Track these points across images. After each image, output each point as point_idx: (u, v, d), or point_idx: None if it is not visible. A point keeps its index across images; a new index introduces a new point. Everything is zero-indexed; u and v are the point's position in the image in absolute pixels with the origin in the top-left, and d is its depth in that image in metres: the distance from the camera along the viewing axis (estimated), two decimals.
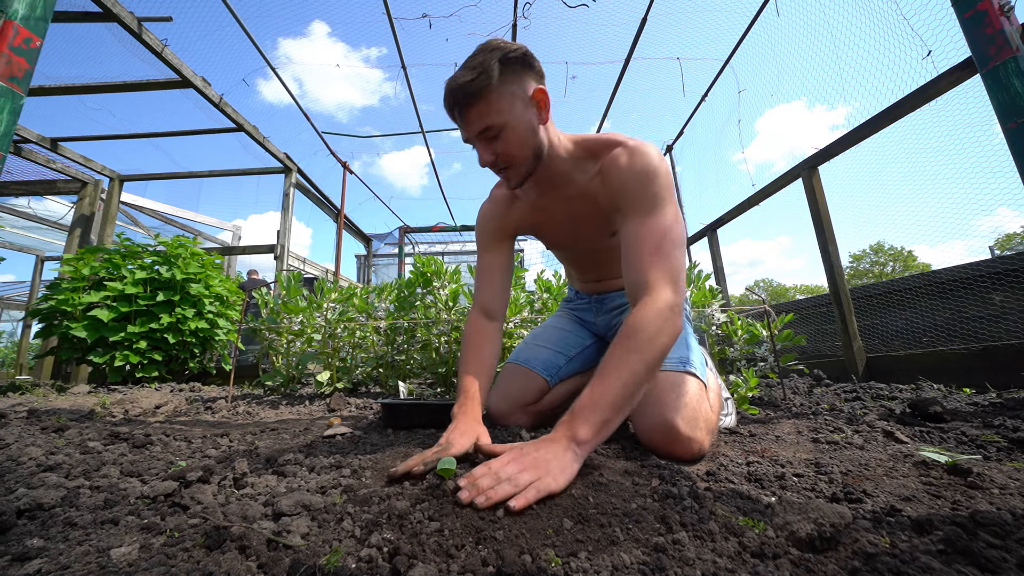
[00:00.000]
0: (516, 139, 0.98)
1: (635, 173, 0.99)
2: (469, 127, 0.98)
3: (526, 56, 0.96)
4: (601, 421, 0.76)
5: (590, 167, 1.09)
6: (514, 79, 0.95)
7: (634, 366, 0.80)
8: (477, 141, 1.00)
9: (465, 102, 0.94)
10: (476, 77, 0.92)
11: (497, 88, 0.93)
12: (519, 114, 0.97)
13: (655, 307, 0.86)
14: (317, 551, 0.48)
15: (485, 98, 0.93)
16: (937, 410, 1.31)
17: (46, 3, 1.34)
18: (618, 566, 0.46)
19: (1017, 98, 1.46)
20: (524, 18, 3.89)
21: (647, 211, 0.97)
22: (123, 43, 3.20)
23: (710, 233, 4.57)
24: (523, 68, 0.96)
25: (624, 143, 1.04)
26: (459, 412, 0.97)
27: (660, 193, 0.97)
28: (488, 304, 1.21)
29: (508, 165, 1.01)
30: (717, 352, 2.20)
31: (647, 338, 0.82)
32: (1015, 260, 2.39)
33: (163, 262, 3.53)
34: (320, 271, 7.89)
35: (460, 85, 0.93)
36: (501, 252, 1.25)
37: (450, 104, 0.97)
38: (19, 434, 1.17)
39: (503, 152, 0.99)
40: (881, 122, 2.49)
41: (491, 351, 1.15)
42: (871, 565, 0.46)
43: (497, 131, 0.96)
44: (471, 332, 1.18)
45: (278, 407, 2.01)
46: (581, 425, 0.75)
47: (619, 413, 0.78)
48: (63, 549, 0.51)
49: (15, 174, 4.74)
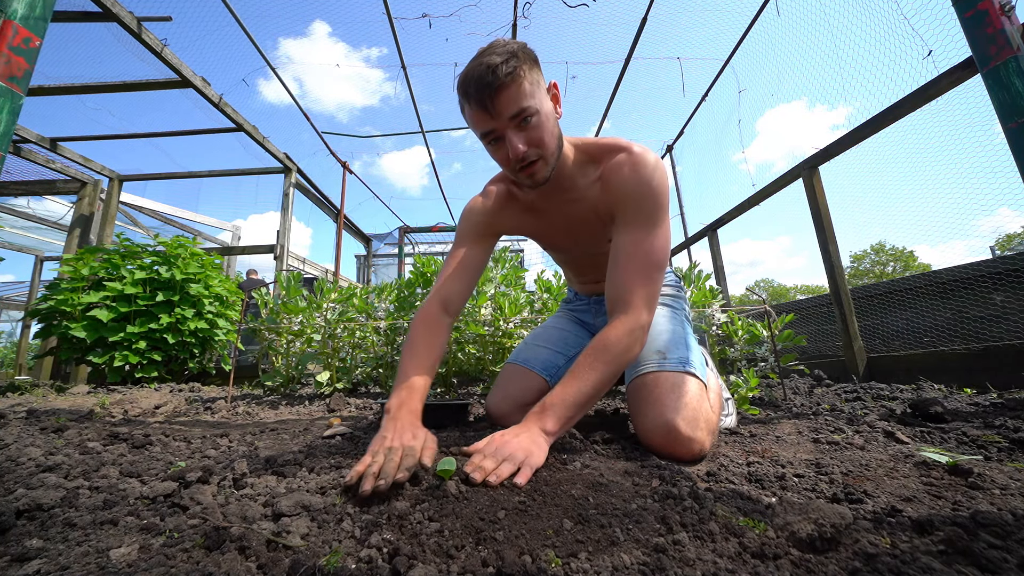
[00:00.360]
0: (548, 125, 0.96)
1: (636, 185, 1.00)
2: (501, 113, 0.91)
3: (534, 53, 0.98)
4: (567, 417, 0.88)
5: (591, 172, 1.08)
6: (536, 69, 0.96)
7: (602, 375, 0.91)
8: (509, 128, 0.93)
9: (501, 82, 0.88)
10: (508, 58, 0.89)
11: (528, 72, 0.92)
12: (545, 101, 0.96)
13: (629, 327, 0.94)
14: (317, 551, 0.48)
15: (518, 81, 0.90)
16: (938, 410, 1.31)
17: (46, 3, 1.34)
18: (618, 566, 0.46)
19: (1018, 98, 1.46)
20: (524, 18, 3.89)
21: (640, 227, 0.99)
22: (123, 43, 3.20)
23: (710, 233, 4.57)
24: (536, 63, 0.97)
25: (628, 149, 1.03)
26: (395, 406, 0.90)
27: (655, 213, 0.99)
28: (450, 298, 1.13)
29: (540, 155, 0.97)
30: (717, 352, 2.20)
31: (618, 353, 0.93)
32: (1016, 260, 2.39)
33: (163, 262, 3.53)
34: (320, 271, 7.89)
35: (492, 67, 0.88)
36: (480, 249, 1.19)
37: (479, 88, 0.89)
38: (18, 434, 1.17)
39: (537, 139, 0.94)
40: (881, 122, 2.48)
41: (442, 348, 1.10)
42: (872, 565, 0.45)
43: (531, 115, 0.92)
44: (429, 321, 1.09)
45: (278, 407, 2.01)
46: (550, 418, 0.86)
47: (581, 411, 0.90)
48: (62, 550, 0.51)
49: (14, 174, 4.74)
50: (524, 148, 0.94)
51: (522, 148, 0.94)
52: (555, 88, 1.01)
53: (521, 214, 1.21)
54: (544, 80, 0.99)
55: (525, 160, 0.96)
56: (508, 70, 0.88)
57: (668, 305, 1.29)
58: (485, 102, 0.90)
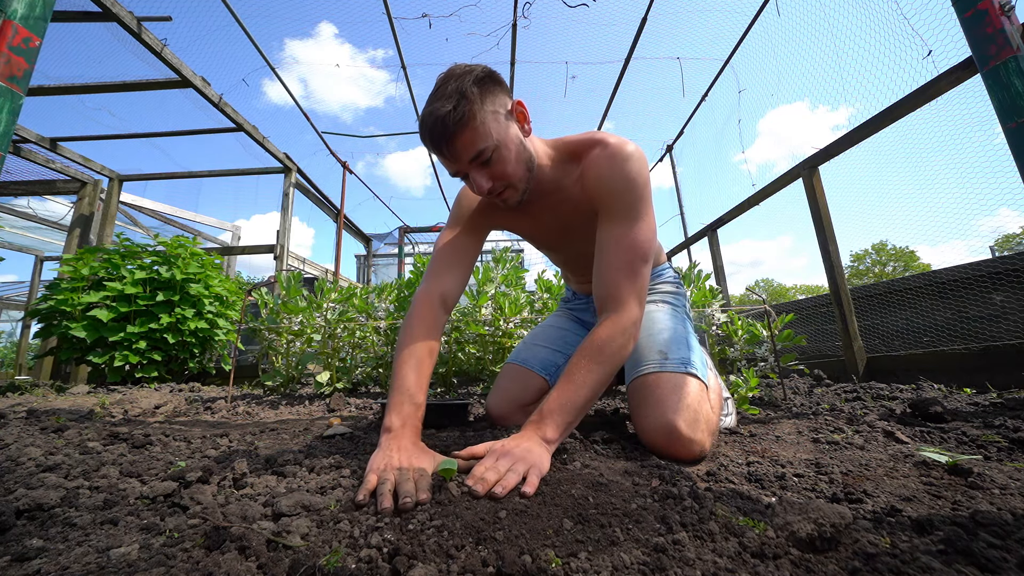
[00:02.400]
0: (510, 157, 0.95)
1: (614, 179, 0.98)
2: (459, 158, 0.92)
3: (493, 74, 0.95)
4: (566, 424, 0.85)
5: (573, 170, 1.08)
6: (492, 98, 0.92)
7: (598, 375, 0.89)
8: (470, 169, 0.95)
9: (452, 132, 0.88)
10: (457, 103, 0.87)
11: (480, 110, 0.89)
12: (506, 130, 0.94)
13: (622, 324, 0.93)
14: (317, 551, 0.48)
15: (471, 123, 0.88)
16: (937, 410, 1.31)
17: (45, 3, 1.34)
18: (618, 566, 0.46)
19: (1018, 98, 1.46)
20: (524, 18, 3.89)
21: (622, 221, 0.98)
22: (123, 43, 3.20)
23: (710, 233, 4.57)
24: (495, 85, 0.94)
25: (603, 142, 1.02)
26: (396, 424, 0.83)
27: (636, 204, 0.98)
28: (449, 292, 1.08)
29: (507, 186, 0.98)
30: (717, 352, 2.20)
31: (612, 353, 0.91)
32: (1015, 260, 2.39)
33: (163, 262, 3.53)
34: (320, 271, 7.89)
35: (441, 117, 0.87)
36: (474, 239, 1.16)
37: (434, 139, 0.90)
38: (18, 434, 1.17)
39: (500, 173, 0.95)
40: (881, 122, 2.48)
41: (437, 347, 1.02)
42: (871, 565, 0.45)
43: (490, 153, 0.92)
44: (427, 319, 1.01)
45: (278, 407, 2.01)
46: (549, 426, 0.83)
47: (580, 415, 0.87)
48: (62, 549, 0.51)
49: (14, 174, 4.74)
50: (488, 185, 0.96)
51: (487, 185, 0.96)
52: (520, 106, 0.99)
53: (514, 216, 1.20)
54: (508, 99, 0.97)
55: (492, 192, 0.98)
56: (457, 117, 0.87)
57: (669, 304, 1.29)
58: (443, 151, 0.92)
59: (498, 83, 0.95)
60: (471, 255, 1.15)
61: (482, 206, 1.18)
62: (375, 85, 39.19)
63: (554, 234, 1.22)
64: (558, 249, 1.32)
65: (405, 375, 0.91)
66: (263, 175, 5.22)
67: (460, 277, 1.11)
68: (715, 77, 4.52)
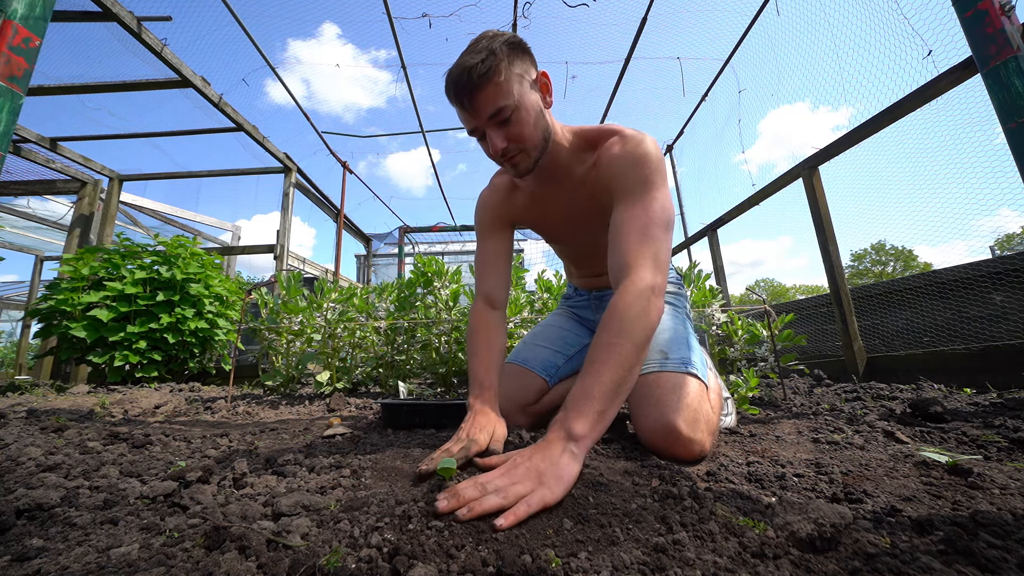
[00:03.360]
0: (528, 120, 0.97)
1: (626, 157, 1.00)
2: (479, 113, 0.94)
3: (523, 43, 0.98)
4: (597, 412, 0.73)
5: (588, 158, 1.09)
6: (519, 61, 0.96)
7: (623, 350, 0.78)
8: (488, 127, 0.96)
9: (476, 84, 0.90)
10: (485, 58, 0.90)
11: (506, 68, 0.92)
12: (528, 95, 0.96)
13: (636, 288, 0.84)
14: (317, 551, 0.48)
15: (495, 79, 0.91)
16: (938, 410, 1.31)
17: (45, 3, 1.34)
18: (618, 566, 0.46)
19: (1018, 98, 1.46)
20: (524, 17, 3.89)
21: (635, 195, 0.97)
22: (123, 43, 3.20)
23: (710, 233, 4.57)
24: (524, 53, 0.97)
25: (620, 132, 1.04)
26: (476, 404, 0.97)
27: (649, 177, 0.97)
28: (492, 293, 1.20)
29: (521, 150, 0.99)
30: (717, 352, 2.20)
31: (631, 320, 0.81)
32: (1016, 260, 2.39)
33: (163, 262, 3.53)
34: (320, 271, 7.89)
35: (467, 68, 0.89)
36: (503, 239, 1.24)
37: (457, 90, 0.92)
38: (18, 434, 1.17)
39: (516, 135, 0.96)
40: (881, 122, 2.48)
41: (500, 341, 1.14)
42: (871, 565, 0.45)
43: (509, 112, 0.94)
44: (478, 322, 1.16)
45: (278, 407, 2.01)
46: (576, 419, 0.72)
47: (614, 401, 0.75)
48: (62, 549, 0.51)
49: (14, 174, 4.74)
50: (503, 144, 0.97)
51: (501, 144, 0.96)
52: (545, 77, 1.02)
53: (526, 203, 1.22)
54: (534, 69, 1.00)
55: (506, 154, 0.99)
56: (483, 70, 0.89)
57: (670, 303, 1.29)
58: (464, 103, 0.94)
59: (527, 52, 0.98)
60: (502, 254, 1.24)
61: (496, 204, 1.23)
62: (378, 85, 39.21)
63: (561, 222, 1.23)
64: (565, 240, 1.33)
65: (474, 369, 1.08)
66: (263, 175, 5.22)
67: (498, 275, 1.22)
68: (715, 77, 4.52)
